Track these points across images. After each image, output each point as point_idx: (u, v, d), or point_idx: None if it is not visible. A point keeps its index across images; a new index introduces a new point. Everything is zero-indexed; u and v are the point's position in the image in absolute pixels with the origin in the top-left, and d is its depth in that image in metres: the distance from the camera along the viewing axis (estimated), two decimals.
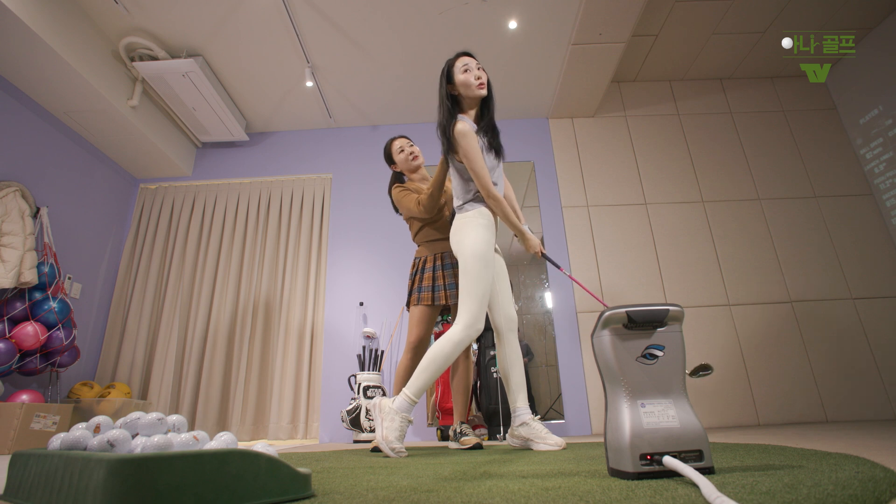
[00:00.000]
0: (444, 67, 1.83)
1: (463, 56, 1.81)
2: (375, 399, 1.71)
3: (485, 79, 1.78)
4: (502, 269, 1.96)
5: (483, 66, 1.83)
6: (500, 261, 1.97)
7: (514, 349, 1.87)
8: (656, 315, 0.88)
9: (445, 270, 2.09)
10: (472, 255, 1.72)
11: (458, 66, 1.79)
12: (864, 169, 3.57)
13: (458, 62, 1.80)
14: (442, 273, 2.09)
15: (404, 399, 1.65)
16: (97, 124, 3.15)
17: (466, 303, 1.68)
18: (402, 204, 2.14)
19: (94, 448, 0.73)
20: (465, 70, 1.77)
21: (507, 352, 1.86)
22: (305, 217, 3.60)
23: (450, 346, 1.65)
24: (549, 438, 1.69)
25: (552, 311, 3.30)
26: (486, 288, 1.70)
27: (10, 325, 2.45)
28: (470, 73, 1.76)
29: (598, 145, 3.74)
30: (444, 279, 2.07)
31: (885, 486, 0.64)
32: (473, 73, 1.76)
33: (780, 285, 3.29)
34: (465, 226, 1.78)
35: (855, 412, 2.96)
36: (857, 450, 1.16)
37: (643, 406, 0.85)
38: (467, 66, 1.77)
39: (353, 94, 3.59)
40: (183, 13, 2.85)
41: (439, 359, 1.65)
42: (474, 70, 1.77)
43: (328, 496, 0.76)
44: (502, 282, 1.93)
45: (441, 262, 2.11)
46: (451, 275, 2.08)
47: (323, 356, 3.23)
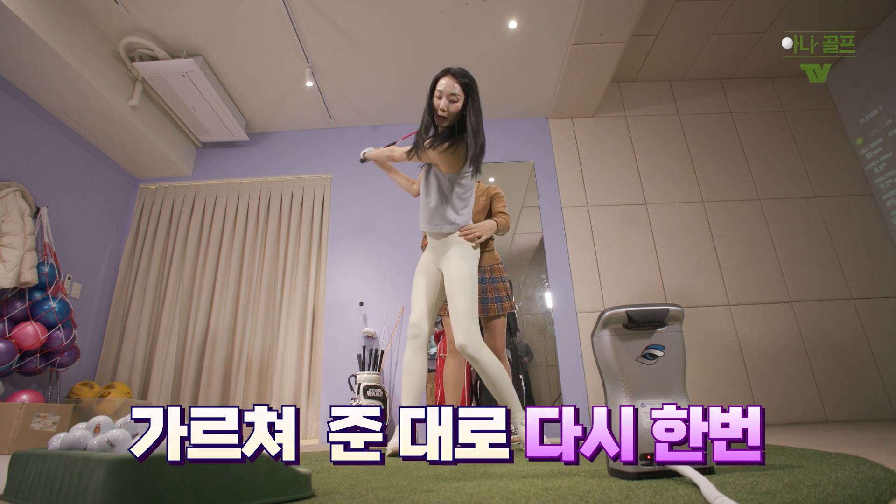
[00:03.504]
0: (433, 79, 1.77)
1: (446, 77, 1.71)
2: None
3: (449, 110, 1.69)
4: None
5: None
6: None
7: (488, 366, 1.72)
8: (656, 315, 0.88)
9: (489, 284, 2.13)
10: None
11: (436, 87, 1.72)
12: (864, 169, 3.57)
13: (437, 83, 1.72)
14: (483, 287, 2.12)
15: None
16: (97, 124, 3.15)
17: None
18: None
19: (94, 448, 0.73)
20: (437, 97, 1.70)
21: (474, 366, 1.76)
22: (305, 217, 3.60)
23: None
24: None
25: (552, 311, 3.29)
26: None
27: (10, 325, 2.45)
28: (441, 99, 1.69)
29: (598, 145, 3.74)
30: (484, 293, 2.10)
31: (885, 486, 0.64)
32: (441, 104, 1.69)
33: (780, 285, 3.29)
34: None
35: (855, 412, 2.96)
36: (857, 450, 1.16)
37: (643, 406, 0.85)
38: (440, 94, 1.69)
39: (353, 94, 3.59)
40: (183, 13, 2.85)
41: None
42: (445, 97, 1.68)
43: (328, 496, 0.76)
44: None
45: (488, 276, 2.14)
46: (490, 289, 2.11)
47: (323, 356, 3.23)
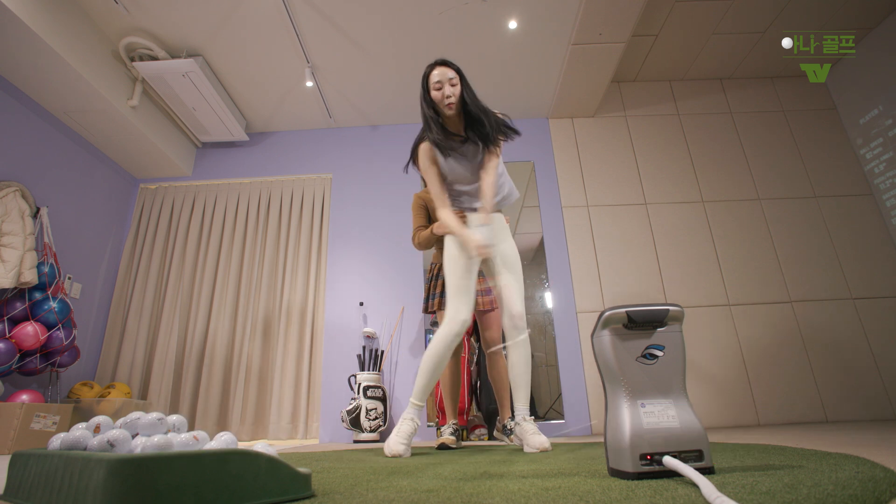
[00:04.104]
0: (422, 78, 1.74)
1: (437, 67, 1.71)
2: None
3: (456, 94, 1.68)
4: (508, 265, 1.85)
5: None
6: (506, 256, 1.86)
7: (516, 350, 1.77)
8: (656, 315, 0.88)
9: None
10: (445, 255, 1.81)
11: (431, 81, 1.71)
12: (864, 169, 3.57)
13: (431, 76, 1.71)
14: None
15: (409, 405, 1.70)
16: (97, 124, 3.15)
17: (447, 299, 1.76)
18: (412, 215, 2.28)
19: (94, 448, 0.73)
20: (437, 88, 1.69)
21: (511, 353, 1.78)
22: (305, 217, 3.60)
23: (437, 343, 1.69)
24: (532, 440, 1.66)
25: (552, 311, 3.29)
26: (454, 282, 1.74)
27: (10, 325, 2.45)
28: (441, 90, 1.69)
29: (598, 145, 3.74)
30: None
31: (885, 486, 0.64)
32: (444, 91, 1.68)
33: (780, 285, 3.29)
34: None
35: (855, 412, 2.96)
36: (857, 450, 1.16)
37: (643, 406, 0.85)
38: (439, 84, 1.69)
39: (353, 94, 3.59)
40: (183, 13, 2.85)
41: (433, 357, 1.69)
42: (446, 87, 1.68)
43: (328, 496, 0.76)
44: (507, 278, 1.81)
45: None
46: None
47: (323, 356, 3.23)
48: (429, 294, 2.29)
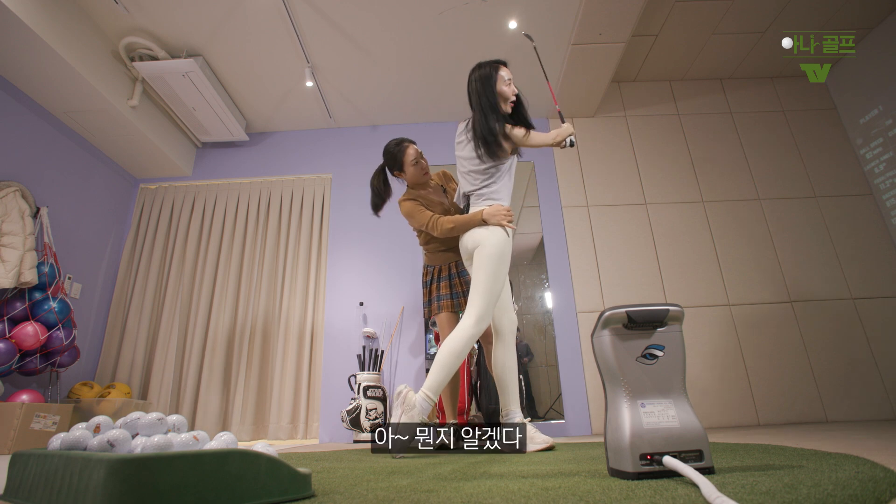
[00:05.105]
0: (487, 71, 1.90)
1: (505, 67, 1.92)
2: (401, 387, 1.71)
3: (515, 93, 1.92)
4: None
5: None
6: None
7: (513, 352, 1.92)
8: (656, 315, 0.88)
9: (462, 278, 2.18)
10: (492, 253, 1.79)
11: (502, 75, 1.89)
12: (864, 169, 3.57)
13: (502, 72, 1.90)
14: (459, 281, 2.17)
15: (423, 397, 1.69)
16: (97, 124, 3.15)
17: (478, 298, 1.75)
18: (414, 217, 2.11)
19: (94, 448, 0.73)
20: (508, 84, 1.90)
21: (507, 354, 1.90)
22: (305, 217, 3.60)
23: (461, 342, 1.71)
24: (537, 437, 1.75)
25: (552, 311, 3.29)
26: (500, 287, 1.78)
27: (10, 325, 2.45)
28: (510, 87, 1.90)
29: (598, 145, 3.74)
30: (462, 286, 2.15)
31: (885, 486, 0.64)
32: (511, 89, 1.90)
33: (780, 285, 3.28)
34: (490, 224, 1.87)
35: (855, 412, 2.96)
36: (857, 450, 1.16)
37: (643, 406, 0.85)
38: (510, 81, 1.89)
39: (353, 94, 3.59)
40: (183, 13, 2.85)
41: (453, 355, 1.71)
42: (512, 86, 1.91)
43: (328, 496, 0.76)
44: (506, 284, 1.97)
45: (457, 271, 2.19)
46: (467, 282, 2.14)
47: (323, 356, 3.23)
48: (429, 298, 2.22)
